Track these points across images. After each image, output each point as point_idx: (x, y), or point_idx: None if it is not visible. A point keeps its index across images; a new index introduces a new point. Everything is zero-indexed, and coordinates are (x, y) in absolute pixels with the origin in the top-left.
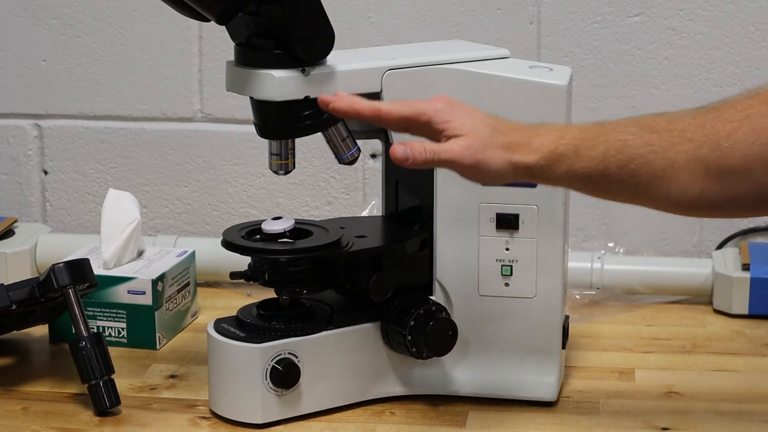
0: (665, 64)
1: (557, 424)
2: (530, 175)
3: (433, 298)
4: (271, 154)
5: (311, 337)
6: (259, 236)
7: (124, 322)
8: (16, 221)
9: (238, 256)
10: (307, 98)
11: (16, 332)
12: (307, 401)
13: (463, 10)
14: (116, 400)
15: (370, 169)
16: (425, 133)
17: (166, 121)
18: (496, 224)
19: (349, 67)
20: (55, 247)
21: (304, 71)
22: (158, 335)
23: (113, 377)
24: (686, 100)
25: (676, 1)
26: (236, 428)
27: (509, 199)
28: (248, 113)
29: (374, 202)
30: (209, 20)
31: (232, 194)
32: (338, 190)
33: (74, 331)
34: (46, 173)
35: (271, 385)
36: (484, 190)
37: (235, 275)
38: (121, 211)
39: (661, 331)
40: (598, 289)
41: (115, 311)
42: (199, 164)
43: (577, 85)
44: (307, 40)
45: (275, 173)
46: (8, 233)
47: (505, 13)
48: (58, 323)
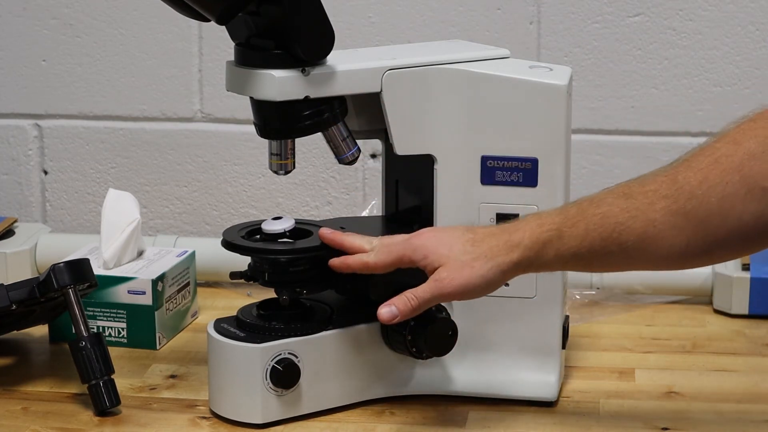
0: (665, 64)
1: (557, 424)
2: (520, 269)
3: None
4: (271, 154)
5: (311, 337)
6: (259, 236)
7: (124, 322)
8: (16, 221)
9: (238, 256)
10: (307, 98)
11: (16, 332)
12: (307, 401)
13: (463, 10)
14: (116, 400)
15: (370, 169)
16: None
17: (166, 121)
18: (496, 224)
19: (349, 67)
20: (55, 247)
21: (304, 71)
22: (158, 335)
23: (113, 377)
24: (686, 100)
25: (676, 1)
26: (236, 428)
27: (509, 199)
28: (248, 113)
29: (374, 202)
30: (209, 20)
31: (232, 194)
32: (338, 190)
33: (74, 331)
34: (46, 173)
35: (271, 385)
36: (484, 190)
37: (235, 275)
38: (121, 211)
39: (661, 331)
40: (598, 289)
41: (115, 311)
42: (199, 164)
43: (577, 85)
44: (307, 40)
45: (275, 173)
46: (8, 233)
47: (505, 13)
48: (58, 323)
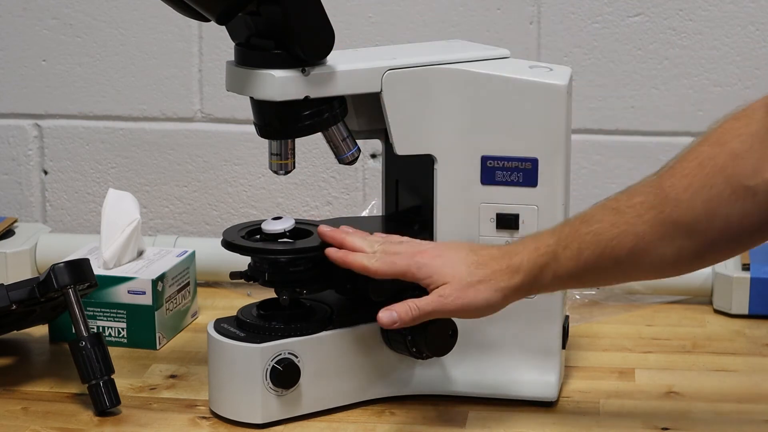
0: (665, 64)
1: (557, 424)
2: (521, 293)
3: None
4: (271, 154)
5: (311, 337)
6: (259, 236)
7: (124, 322)
8: (16, 221)
9: (238, 256)
10: (307, 98)
11: (16, 332)
12: (307, 401)
13: (463, 10)
14: (116, 400)
15: (370, 169)
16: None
17: (166, 121)
18: (496, 224)
19: (349, 67)
20: (55, 247)
21: (304, 71)
22: (158, 335)
23: (113, 377)
24: (686, 100)
25: (676, 1)
26: (236, 428)
27: (509, 199)
28: (248, 113)
29: (374, 202)
30: (209, 20)
31: (232, 194)
32: (338, 190)
33: (74, 331)
34: (46, 173)
35: (271, 385)
36: (484, 190)
37: (235, 275)
38: (121, 211)
39: (661, 331)
40: (598, 288)
41: (115, 311)
42: (199, 164)
43: (577, 85)
44: (307, 40)
45: (275, 173)
46: (8, 233)
47: (505, 13)
48: (58, 323)
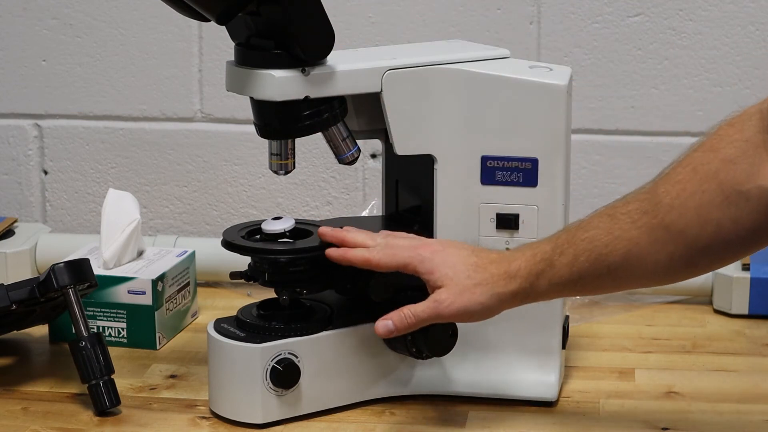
0: (665, 64)
1: (557, 424)
2: (517, 299)
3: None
4: (271, 154)
5: (311, 337)
6: (259, 236)
7: (124, 322)
8: (16, 221)
9: (238, 256)
10: (307, 98)
11: (16, 332)
12: (307, 401)
13: (463, 10)
14: (116, 400)
15: (370, 169)
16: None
17: (166, 121)
18: (496, 224)
19: (349, 67)
20: (55, 247)
21: (304, 71)
22: (158, 335)
23: (113, 377)
24: (686, 100)
25: (676, 1)
26: (236, 428)
27: (509, 199)
28: (248, 113)
29: (374, 202)
30: (209, 20)
31: (232, 194)
32: (338, 190)
33: (74, 331)
34: (46, 173)
35: (271, 385)
36: (484, 190)
37: (235, 275)
38: (121, 211)
39: (661, 331)
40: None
41: (115, 311)
42: (199, 164)
43: (577, 85)
44: (307, 40)
45: (275, 173)
46: (8, 233)
47: (505, 13)
48: (58, 323)
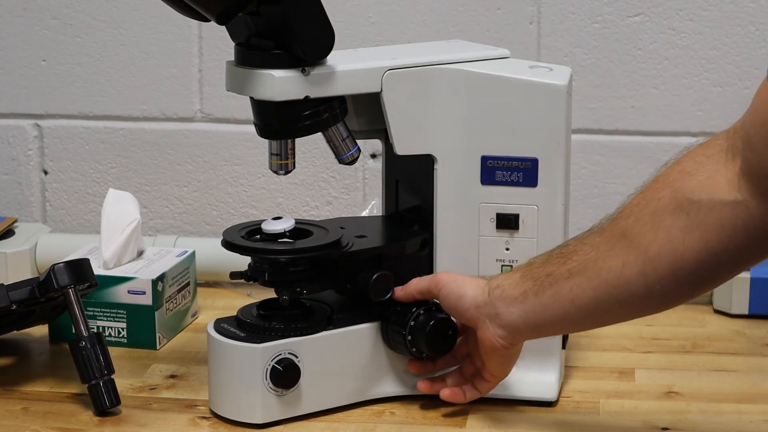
0: (665, 64)
1: (557, 424)
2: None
3: None
4: (271, 154)
5: (311, 337)
6: (259, 236)
7: (124, 322)
8: (16, 221)
9: (238, 256)
10: (307, 98)
11: (16, 332)
12: (307, 401)
13: (463, 10)
14: (116, 400)
15: (370, 169)
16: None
17: (166, 121)
18: (496, 224)
19: (349, 67)
20: (55, 247)
21: (304, 71)
22: (158, 335)
23: (113, 377)
24: (686, 100)
25: (676, 1)
26: (236, 428)
27: (509, 199)
28: (248, 113)
29: (374, 202)
30: (209, 20)
31: (232, 194)
32: (338, 190)
33: (74, 331)
34: (46, 173)
35: (271, 385)
36: (484, 190)
37: (235, 275)
38: (121, 211)
39: (661, 331)
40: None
41: (115, 311)
42: (199, 164)
43: (577, 85)
44: (307, 40)
45: (275, 173)
46: (8, 233)
47: (505, 13)
48: (58, 323)
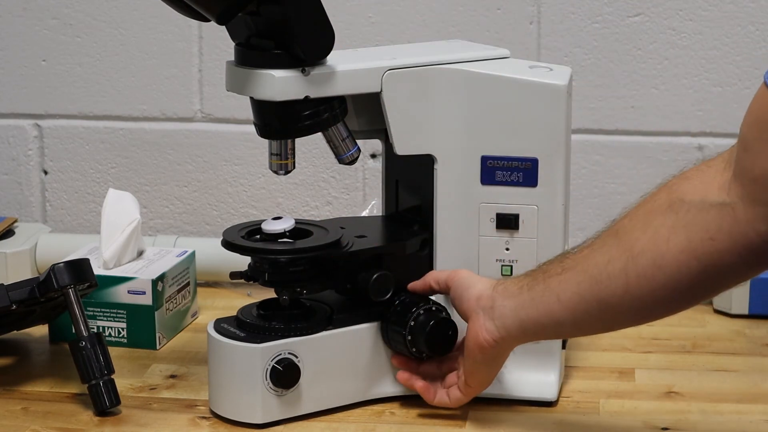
0: (665, 64)
1: (557, 424)
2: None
3: (433, 298)
4: (271, 154)
5: (311, 337)
6: (259, 236)
7: (124, 322)
8: (16, 221)
9: (238, 256)
10: (307, 98)
11: (16, 332)
12: (307, 401)
13: (463, 10)
14: (116, 400)
15: (370, 169)
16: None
17: (166, 121)
18: (496, 224)
19: (349, 67)
20: (55, 247)
21: (304, 71)
22: (158, 335)
23: (113, 377)
24: (686, 100)
25: (676, 1)
26: (236, 428)
27: (509, 199)
28: (248, 113)
29: (374, 202)
30: (209, 20)
31: (232, 194)
32: (338, 190)
33: (74, 331)
34: (46, 173)
35: (271, 385)
36: (484, 190)
37: (235, 275)
38: (121, 211)
39: (661, 331)
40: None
41: (115, 311)
42: (199, 164)
43: (577, 85)
44: (307, 40)
45: (275, 173)
46: (8, 233)
47: (505, 13)
48: (58, 323)
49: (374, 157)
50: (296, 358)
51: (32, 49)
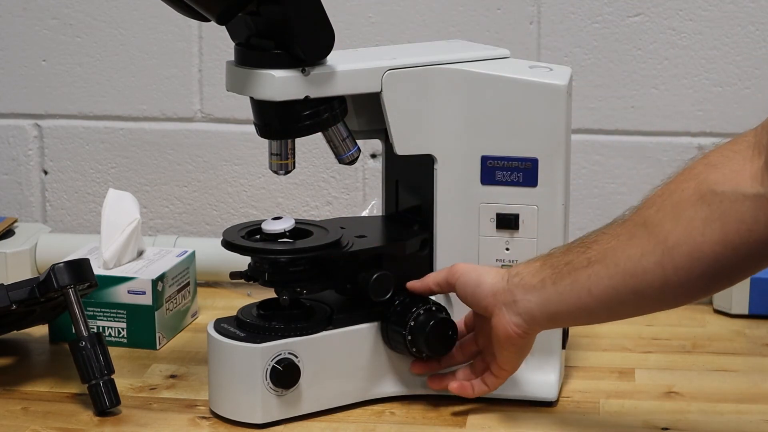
0: (665, 64)
1: (557, 424)
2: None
3: (433, 298)
4: (271, 154)
5: (311, 337)
6: (259, 236)
7: (124, 322)
8: (16, 221)
9: (238, 256)
10: (307, 98)
11: (16, 332)
12: (307, 401)
13: (463, 10)
14: (116, 400)
15: (370, 169)
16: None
17: (166, 121)
18: (496, 224)
19: (349, 67)
20: (55, 247)
21: (304, 71)
22: (158, 335)
23: (113, 377)
24: (686, 100)
25: (676, 1)
26: (236, 428)
27: (509, 199)
28: (248, 113)
29: (374, 202)
30: (209, 20)
31: (232, 194)
32: (338, 190)
33: (74, 331)
34: (46, 173)
35: (271, 385)
36: (484, 190)
37: (235, 275)
38: (121, 211)
39: (661, 331)
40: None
41: (115, 311)
42: (199, 164)
43: (577, 85)
44: (307, 40)
45: (275, 173)
46: (8, 233)
47: (505, 13)
48: (58, 323)
49: (374, 157)
50: (296, 358)
51: (32, 49)
